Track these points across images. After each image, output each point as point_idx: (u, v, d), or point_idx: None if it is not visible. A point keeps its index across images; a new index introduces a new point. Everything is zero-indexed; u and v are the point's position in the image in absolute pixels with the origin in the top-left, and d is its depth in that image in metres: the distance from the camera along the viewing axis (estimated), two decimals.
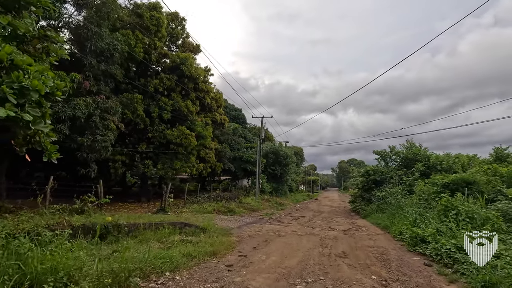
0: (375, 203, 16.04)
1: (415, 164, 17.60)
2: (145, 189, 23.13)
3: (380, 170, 18.16)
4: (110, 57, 13.62)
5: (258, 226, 11.54)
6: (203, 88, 24.28)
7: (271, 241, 8.51)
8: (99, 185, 10.99)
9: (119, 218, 8.90)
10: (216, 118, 26.83)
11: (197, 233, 8.35)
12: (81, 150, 12.41)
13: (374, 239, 9.30)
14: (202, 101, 24.79)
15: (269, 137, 43.66)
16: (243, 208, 18.47)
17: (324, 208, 24.61)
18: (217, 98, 27.13)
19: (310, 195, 48.36)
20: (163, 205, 14.78)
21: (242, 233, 9.67)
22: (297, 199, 35.60)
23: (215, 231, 9.08)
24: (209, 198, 20.20)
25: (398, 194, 14.71)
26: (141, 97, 18.54)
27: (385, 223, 11.83)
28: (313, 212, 20.07)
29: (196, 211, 15.41)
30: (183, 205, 16.98)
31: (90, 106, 12.06)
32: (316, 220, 14.95)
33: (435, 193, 10.84)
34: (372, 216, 14.73)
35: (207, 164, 25.63)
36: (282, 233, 9.95)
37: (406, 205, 12.21)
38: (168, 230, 8.02)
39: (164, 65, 21.21)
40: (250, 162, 31.87)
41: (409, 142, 19.97)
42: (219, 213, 15.45)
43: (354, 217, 16.89)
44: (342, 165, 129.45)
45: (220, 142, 29.23)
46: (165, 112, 19.90)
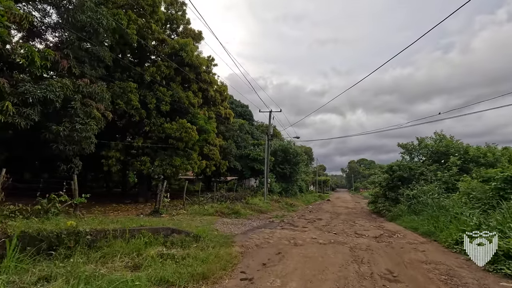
0: (404, 203, 13.68)
1: (449, 158, 15.18)
2: (143, 189, 21.23)
3: (407, 166, 15.76)
4: (93, 33, 11.70)
5: (268, 231, 9.38)
6: (206, 79, 22.29)
7: (286, 254, 6.34)
8: (73, 181, 9.01)
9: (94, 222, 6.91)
10: (221, 112, 24.82)
11: (186, 243, 6.26)
12: (57, 141, 10.49)
13: (421, 250, 7.04)
14: (205, 93, 22.80)
15: (277, 134, 41.48)
16: (250, 209, 16.34)
17: (339, 209, 22.26)
18: (221, 91, 25.11)
19: (322, 196, 45.89)
20: (157, 206, 12.77)
21: (248, 241, 7.53)
22: (308, 200, 33.28)
23: (212, 239, 6.98)
24: (212, 198, 18.16)
25: (434, 193, 12.35)
26: (135, 86, 16.64)
27: (425, 228, 9.52)
28: (329, 214, 17.78)
29: (195, 213, 13.36)
30: (182, 206, 14.95)
31: (67, 89, 10.13)
32: (335, 223, 12.70)
33: (495, 191, 8.49)
34: (403, 219, 12.40)
35: (211, 161, 23.62)
36: (298, 241, 7.77)
37: (451, 205, 9.86)
38: (147, 239, 5.95)
39: (162, 52, 19.29)
40: (257, 161, 29.74)
41: (438, 134, 17.54)
42: (222, 215, 13.36)
43: (378, 220, 14.56)
44: (352, 165, 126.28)
45: (225, 138, 27.21)
46: (163, 103, 17.95)
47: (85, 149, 11.80)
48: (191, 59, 19.09)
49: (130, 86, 16.28)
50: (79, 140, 10.74)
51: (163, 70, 18.15)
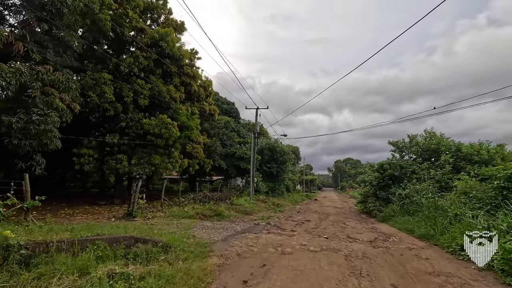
0: (396, 203, 13.01)
1: (440, 156, 14.67)
2: (121, 190, 19.79)
3: (398, 164, 15.14)
4: (56, 14, 10.32)
5: (252, 236, 8.39)
6: (189, 73, 21.04)
7: (272, 267, 5.37)
8: (25, 182, 7.69)
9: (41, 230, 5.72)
10: (205, 109, 23.60)
11: (153, 255, 5.18)
12: (10, 134, 9.11)
13: (424, 258, 6.23)
14: (187, 88, 21.56)
15: (264, 133, 40.56)
16: (235, 210, 15.30)
17: (328, 209, 21.56)
18: (205, 86, 23.91)
19: (309, 195, 45.37)
20: (131, 208, 11.54)
21: (228, 250, 6.51)
22: (296, 200, 32.55)
23: (186, 248, 5.92)
24: (194, 199, 16.99)
25: (427, 192, 11.72)
26: (110, 77, 15.25)
27: (422, 231, 8.78)
28: (317, 214, 16.98)
29: (174, 215, 12.22)
30: (160, 208, 13.74)
31: (21, 75, 8.77)
32: (325, 225, 11.87)
33: (498, 190, 7.83)
34: (396, 220, 11.70)
35: (194, 160, 22.40)
36: (287, 249, 6.82)
37: (448, 205, 9.18)
38: (102, 251, 4.82)
39: (141, 42, 17.94)
40: (243, 159, 28.71)
41: (428, 131, 17.06)
42: (203, 217, 12.26)
43: (369, 221, 13.86)
44: (338, 165, 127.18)
45: (209, 136, 26.02)
46: (141, 97, 16.62)
47: (47, 145, 10.41)
48: (172, 50, 17.84)
49: (104, 77, 14.91)
50: (37, 133, 9.38)
51: (142, 61, 16.81)
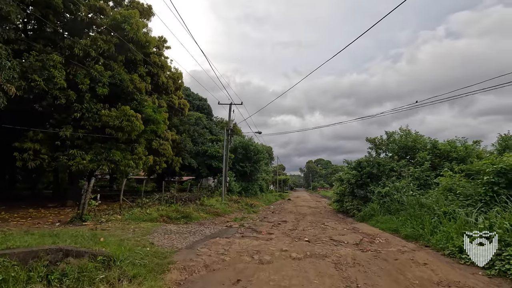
0: (375, 201, 12.47)
1: (416, 153, 14.47)
2: (74, 190, 17.52)
3: (376, 161, 14.72)
4: None
5: (224, 242, 7.18)
6: (157, 62, 19.32)
7: (249, 283, 4.23)
8: None
9: None
10: (174, 102, 21.89)
11: (88, 274, 3.81)
12: None
13: (422, 263, 5.43)
14: (154, 79, 19.79)
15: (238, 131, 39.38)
16: (205, 212, 13.96)
17: (303, 209, 20.86)
18: (175, 78, 22.21)
19: (282, 195, 44.87)
20: (81, 211, 9.80)
21: (194, 260, 5.26)
22: (269, 200, 31.71)
23: (138, 262, 4.58)
24: (160, 200, 15.36)
25: (408, 189, 11.25)
26: (60, 60, 13.22)
27: (409, 231, 8.13)
28: (293, 215, 16.12)
29: (133, 218, 10.64)
30: (119, 211, 12.03)
31: None
32: (303, 226, 10.95)
33: (488, 186, 7.34)
34: (377, 219, 11.09)
35: (161, 158, 20.63)
36: (265, 257, 5.70)
37: (433, 203, 8.64)
38: (5, 273, 3.36)
39: (101, 24, 15.96)
40: (216, 158, 27.30)
41: (403, 129, 16.92)
42: (167, 220, 10.81)
43: (347, 220, 13.21)
44: (310, 165, 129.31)
45: (179, 132, 24.31)
46: (100, 85, 14.70)
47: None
48: (136, 35, 16.05)
49: (53, 59, 12.86)
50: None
51: (101, 45, 14.88)
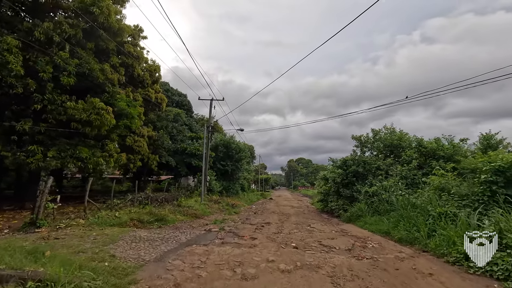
0: (362, 201, 11.96)
1: (401, 151, 14.17)
2: (34, 190, 15.79)
3: (363, 160, 14.27)
4: None
5: (201, 250, 6.24)
6: (131, 52, 17.92)
7: None
8: None
9: None
10: (150, 96, 20.54)
11: None
12: None
13: (427, 273, 4.80)
14: (129, 70, 18.38)
15: (219, 129, 38.23)
16: (182, 214, 12.90)
17: (286, 209, 20.20)
18: (152, 70, 20.86)
19: (264, 194, 44.20)
20: (35, 215, 8.49)
21: (163, 277, 4.32)
22: (251, 199, 30.87)
23: (85, 285, 3.56)
24: (133, 201, 14.10)
25: (397, 189, 10.80)
26: (16, 44, 11.69)
27: (403, 234, 7.58)
28: (277, 215, 15.37)
29: (99, 223, 9.43)
30: (84, 214, 10.72)
31: None
32: (288, 228, 10.20)
33: (485, 185, 6.89)
34: (365, 220, 10.54)
35: (136, 155, 19.24)
36: (249, 270, 4.85)
37: (427, 203, 8.14)
38: None
39: (66, 5, 14.43)
40: (195, 156, 26.05)
41: (387, 127, 16.64)
42: (138, 224, 9.69)
43: (333, 221, 12.63)
44: (291, 164, 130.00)
45: (156, 128, 22.90)
46: (64, 74, 13.21)
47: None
48: (108, 21, 14.70)
49: (7, 41, 11.31)
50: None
51: (66, 29, 13.40)
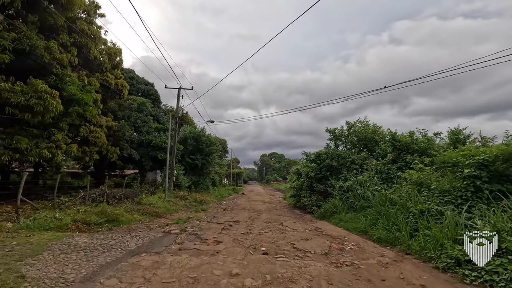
0: (336, 197, 11.37)
1: (375, 145, 13.82)
2: None
3: (337, 153, 13.71)
4: None
5: (149, 262, 5.07)
6: (85, 30, 15.83)
7: None
8: None
9: None
10: (109, 82, 18.49)
11: None
12: None
13: (419, 284, 4.07)
14: (83, 51, 16.26)
15: (189, 121, 36.44)
16: (141, 213, 11.51)
17: (257, 205, 19.36)
18: (111, 53, 18.79)
19: (236, 189, 43.22)
20: None
21: None
22: (222, 195, 29.78)
23: None
24: (84, 198, 12.41)
25: (373, 184, 10.29)
26: None
27: (382, 233, 6.95)
28: (247, 212, 14.44)
29: (33, 226, 7.84)
30: (15, 215, 8.98)
31: None
32: (259, 228, 9.28)
33: (469, 180, 6.41)
34: (340, 217, 9.92)
35: (92, 147, 17.25)
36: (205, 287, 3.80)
37: (406, 200, 7.60)
38: None
39: None
40: (162, 149, 24.26)
41: (361, 121, 16.27)
42: (83, 227, 8.23)
43: (306, 218, 11.95)
44: (264, 159, 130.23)
45: (117, 118, 20.85)
46: None
47: None
48: None
49: None
50: None
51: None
